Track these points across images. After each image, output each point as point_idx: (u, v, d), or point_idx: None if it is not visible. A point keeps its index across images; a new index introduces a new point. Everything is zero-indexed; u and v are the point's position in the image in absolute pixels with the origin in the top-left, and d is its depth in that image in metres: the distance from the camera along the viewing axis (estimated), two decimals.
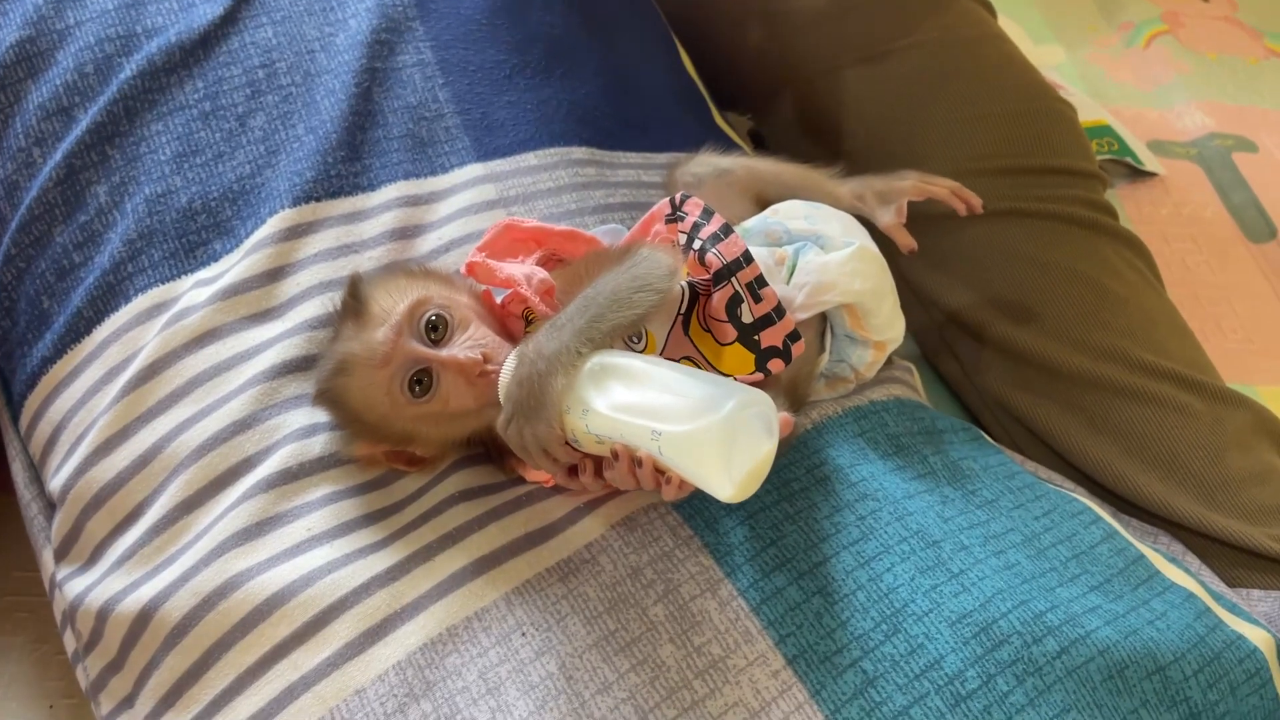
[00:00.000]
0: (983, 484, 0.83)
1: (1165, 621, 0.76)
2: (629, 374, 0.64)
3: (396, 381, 0.69)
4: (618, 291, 0.67)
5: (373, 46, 0.93)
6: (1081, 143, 1.19)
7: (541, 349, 0.64)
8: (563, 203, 0.93)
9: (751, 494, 0.62)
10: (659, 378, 0.64)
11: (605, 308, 0.66)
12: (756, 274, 0.72)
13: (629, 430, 0.62)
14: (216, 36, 0.90)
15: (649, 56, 1.13)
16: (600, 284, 0.68)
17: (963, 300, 1.12)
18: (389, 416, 0.70)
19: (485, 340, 0.70)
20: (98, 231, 0.84)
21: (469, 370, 0.68)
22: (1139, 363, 1.02)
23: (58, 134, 0.86)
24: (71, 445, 0.78)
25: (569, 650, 0.67)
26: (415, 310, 0.70)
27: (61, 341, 0.81)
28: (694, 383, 0.63)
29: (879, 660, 0.68)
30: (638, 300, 0.67)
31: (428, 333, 0.69)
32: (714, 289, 0.73)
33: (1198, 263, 1.40)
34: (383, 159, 0.89)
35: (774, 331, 0.72)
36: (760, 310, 0.72)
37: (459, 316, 0.71)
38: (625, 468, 0.64)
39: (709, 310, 0.73)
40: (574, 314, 0.66)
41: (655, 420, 0.61)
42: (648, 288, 0.68)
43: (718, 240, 0.73)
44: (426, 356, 0.69)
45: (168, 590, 0.70)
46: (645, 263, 0.69)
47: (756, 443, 0.62)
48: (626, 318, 0.66)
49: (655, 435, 0.61)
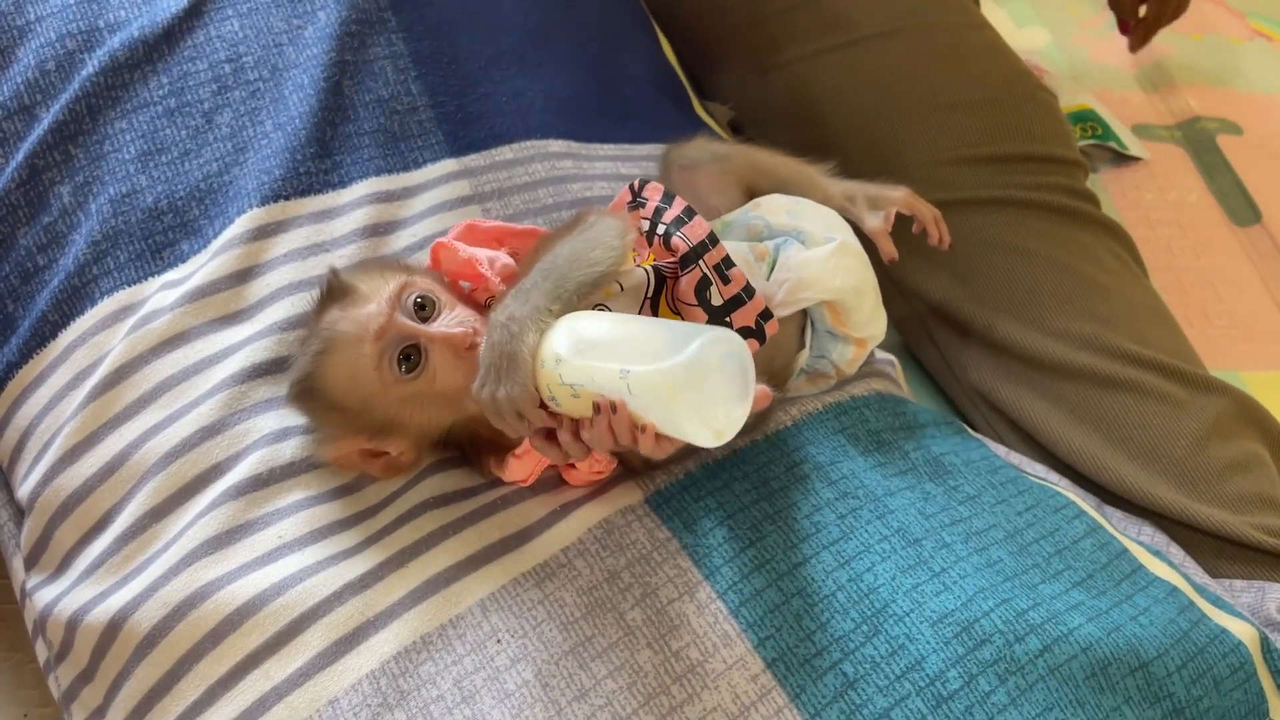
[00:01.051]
0: (965, 479, 0.82)
1: (1148, 617, 0.76)
2: (600, 323, 0.64)
3: (387, 357, 0.68)
4: (575, 252, 0.67)
5: (343, 39, 0.91)
6: (1062, 130, 1.18)
7: (511, 312, 0.64)
8: (539, 197, 0.91)
9: (728, 439, 0.60)
10: (630, 325, 0.64)
11: (566, 268, 0.66)
12: (723, 255, 0.72)
13: (600, 374, 0.60)
14: (180, 30, 0.88)
15: (629, 45, 1.12)
16: (557, 249, 0.68)
17: (944, 290, 1.11)
18: (372, 399, 0.69)
19: (470, 318, 0.70)
20: (62, 233, 0.82)
21: (459, 343, 0.67)
22: (1120, 351, 1.01)
23: (19, 133, 0.84)
24: (39, 452, 0.77)
25: (545, 657, 0.66)
26: (403, 290, 0.70)
27: (27, 346, 0.80)
28: (665, 327, 0.63)
29: (860, 662, 0.68)
30: (596, 258, 0.67)
31: (415, 311, 0.69)
32: (681, 273, 0.72)
33: (1182, 247, 1.39)
34: (354, 155, 0.88)
35: (745, 312, 0.72)
36: (730, 291, 0.72)
37: (444, 299, 0.71)
38: (603, 424, 0.62)
39: (678, 294, 0.73)
40: (538, 278, 0.66)
41: (625, 361, 0.60)
42: (603, 244, 0.68)
43: (681, 224, 0.73)
44: (417, 331, 0.68)
45: (137, 600, 0.69)
46: (597, 224, 0.70)
47: (730, 382, 0.60)
48: (590, 274, 0.67)
49: (624, 374, 0.59)
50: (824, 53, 1.20)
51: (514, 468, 0.73)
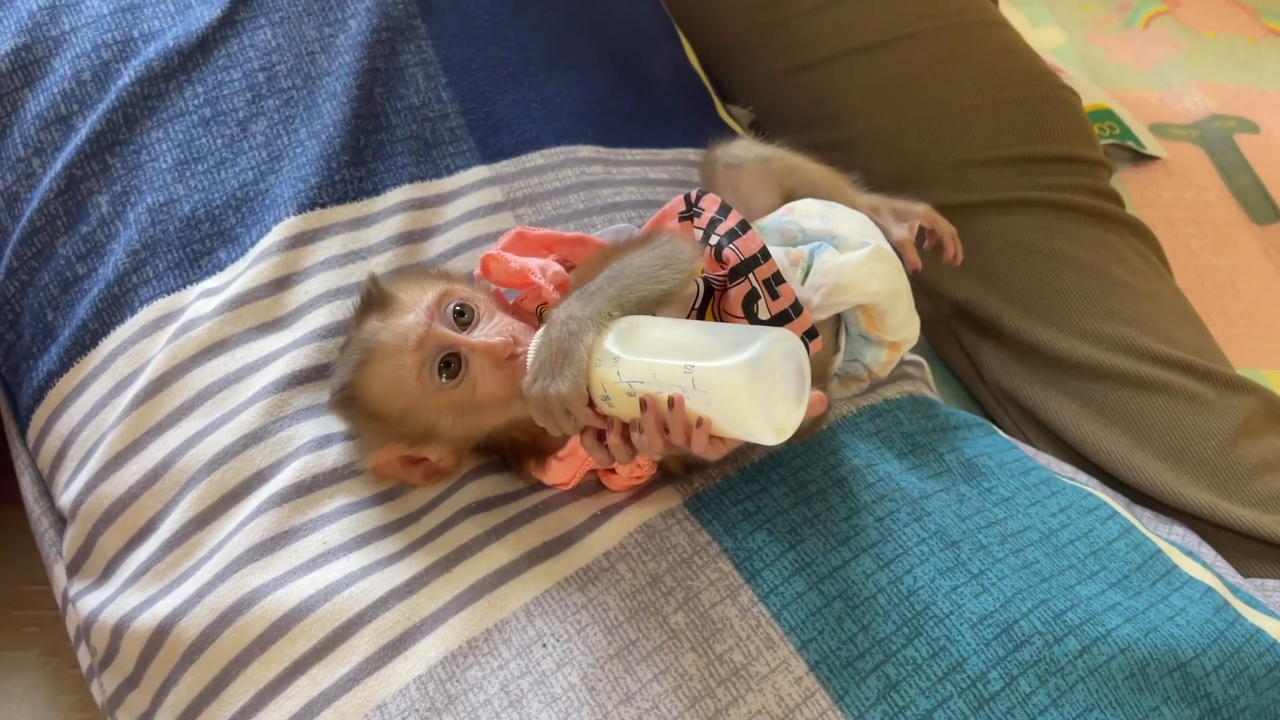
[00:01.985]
0: (999, 481, 0.82)
1: (1184, 617, 0.76)
2: (659, 324, 0.65)
3: (427, 366, 0.68)
4: (645, 266, 0.68)
5: (374, 46, 0.92)
6: (1086, 130, 1.18)
7: (573, 312, 0.64)
8: (569, 203, 0.92)
9: (787, 436, 0.61)
10: (688, 327, 0.64)
11: (634, 279, 0.67)
12: (774, 270, 0.72)
13: (661, 370, 0.61)
14: (214, 40, 0.89)
15: (653, 50, 1.12)
16: (627, 260, 0.68)
17: (970, 292, 1.11)
18: (412, 408, 0.70)
19: (511, 326, 0.70)
20: (100, 242, 0.82)
21: (499, 353, 0.68)
22: (1148, 352, 1.02)
23: (57, 143, 0.84)
24: (81, 460, 0.77)
25: (591, 660, 0.67)
26: (443, 299, 0.70)
27: (67, 355, 0.80)
28: (723, 329, 0.64)
29: (901, 664, 0.68)
30: (664, 276, 0.68)
31: (455, 319, 0.70)
32: (730, 285, 0.73)
33: (1201, 246, 1.40)
34: (387, 162, 0.88)
35: (791, 328, 0.72)
36: (778, 307, 0.72)
37: (484, 308, 0.71)
38: (653, 423, 0.62)
39: (724, 305, 0.73)
40: (604, 283, 0.66)
41: (688, 357, 0.61)
42: (673, 265, 0.68)
43: (735, 236, 0.73)
44: (457, 340, 0.69)
45: (184, 607, 0.69)
46: (670, 244, 0.70)
47: (789, 382, 0.61)
48: (654, 291, 0.67)
49: (688, 370, 0.60)
50: (845, 56, 1.20)
51: (556, 470, 0.73)
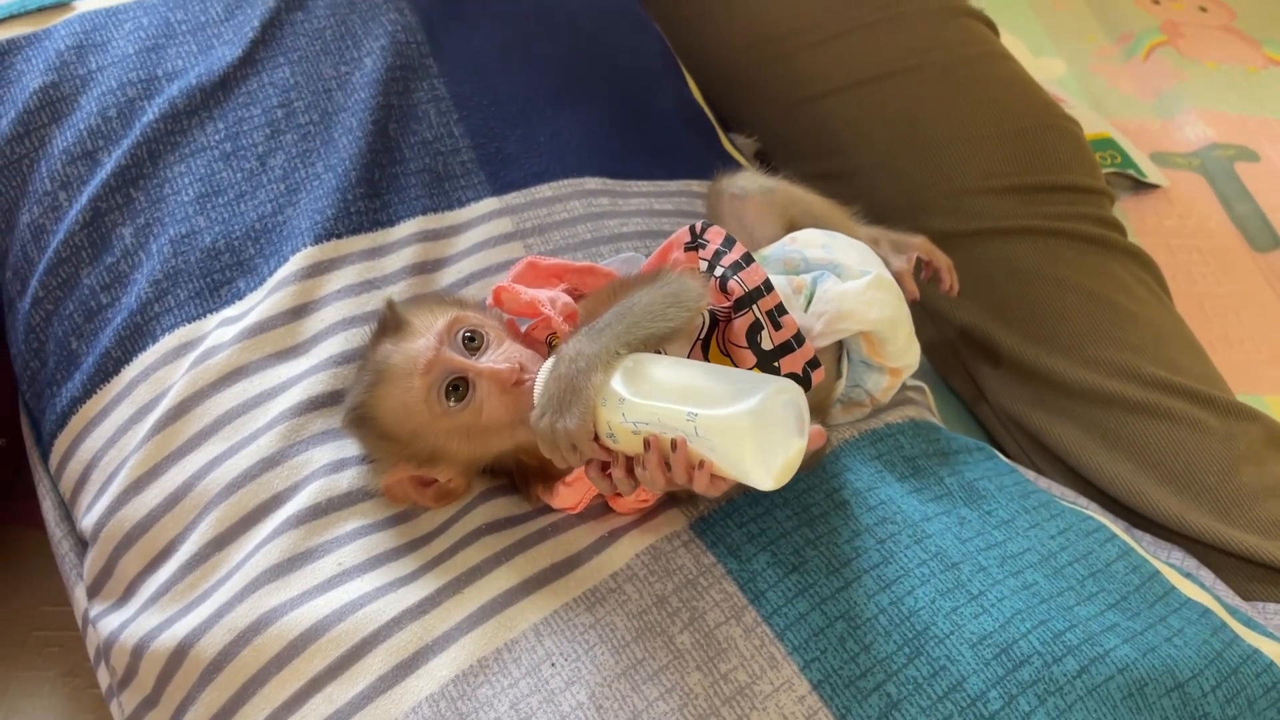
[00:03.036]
0: (998, 504, 0.84)
1: (1182, 638, 0.77)
2: (665, 366, 0.66)
3: (435, 389, 0.71)
4: (652, 305, 0.70)
5: (388, 84, 0.95)
6: (1088, 159, 1.20)
7: (581, 349, 0.66)
8: (577, 233, 0.94)
9: (785, 483, 0.63)
10: (694, 371, 0.66)
11: (641, 317, 0.69)
12: (777, 302, 0.74)
13: (665, 414, 0.63)
14: (235, 78, 0.92)
15: (656, 84, 1.15)
16: (635, 297, 0.70)
17: (974, 318, 1.13)
18: (421, 429, 0.72)
19: (519, 354, 0.72)
20: (124, 273, 0.85)
21: (505, 379, 0.70)
22: (1151, 378, 1.03)
23: (83, 177, 0.87)
24: (103, 484, 0.80)
25: (598, 679, 0.68)
26: (454, 325, 0.73)
27: (90, 382, 0.83)
28: (728, 375, 0.65)
29: (903, 683, 0.70)
30: (671, 314, 0.70)
31: (465, 345, 0.72)
32: (735, 315, 0.74)
33: (1203, 274, 1.41)
34: (401, 194, 0.91)
35: (793, 359, 0.74)
36: (780, 337, 0.74)
37: (493, 335, 0.74)
38: (656, 461, 0.64)
39: (729, 336, 0.75)
40: (611, 320, 0.68)
41: (691, 404, 0.63)
42: (680, 304, 0.70)
43: (739, 268, 0.75)
44: (465, 366, 0.71)
45: (202, 627, 0.71)
46: (677, 283, 0.72)
47: (788, 430, 0.63)
48: (660, 329, 0.69)
49: (691, 417, 0.62)
50: (850, 88, 1.22)
51: (563, 495, 0.75)
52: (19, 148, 0.88)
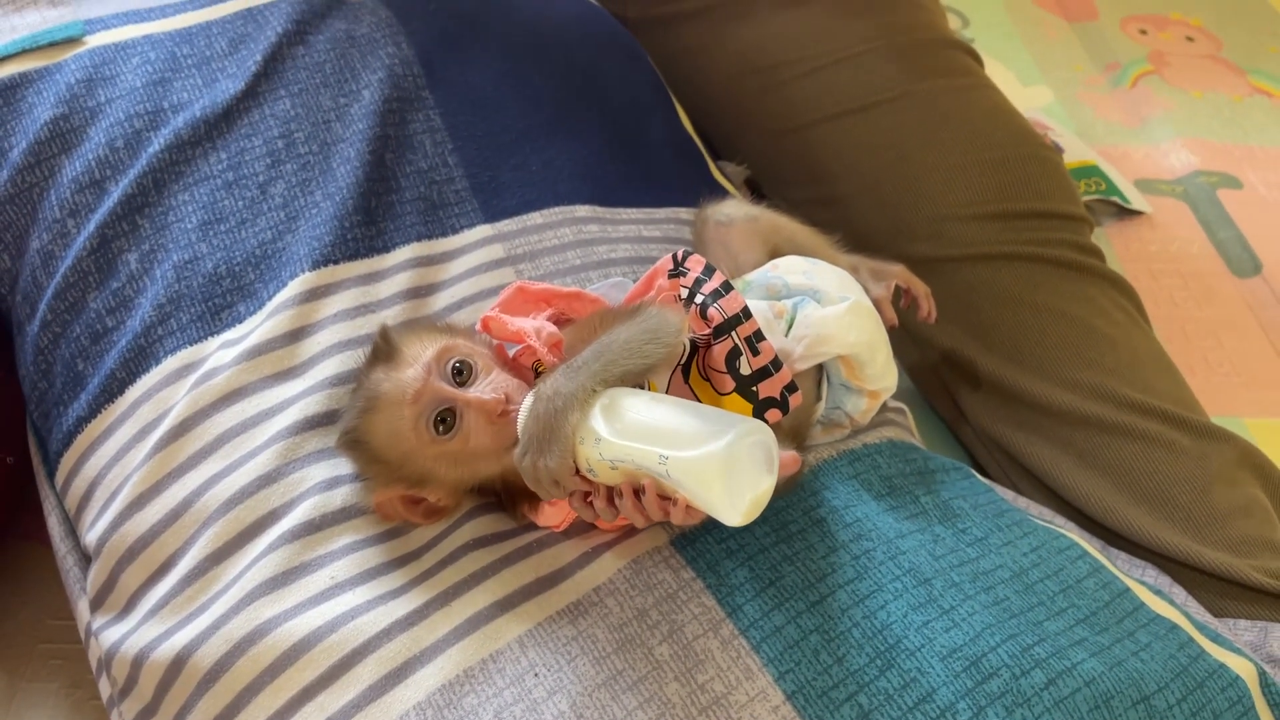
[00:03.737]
0: (973, 522, 0.86)
1: (1149, 652, 0.80)
2: (639, 406, 0.68)
3: (423, 419, 0.73)
4: (630, 341, 0.72)
5: (385, 115, 0.98)
6: (1067, 187, 1.23)
7: (559, 388, 0.69)
8: (567, 259, 0.97)
9: (754, 519, 0.66)
10: (667, 409, 0.68)
11: (618, 354, 0.71)
12: (755, 329, 0.77)
13: (639, 454, 0.66)
14: (238, 110, 0.96)
15: (647, 114, 1.18)
16: (614, 334, 0.73)
17: (956, 341, 1.16)
18: (410, 455, 0.75)
19: (505, 384, 0.75)
20: (129, 297, 0.88)
21: (491, 409, 0.73)
22: (1126, 400, 1.06)
23: (90, 205, 0.91)
24: (106, 500, 0.83)
25: (579, 689, 0.71)
26: (443, 355, 0.75)
27: (96, 401, 0.86)
28: (699, 414, 0.68)
29: (874, 694, 0.72)
30: (648, 351, 0.72)
31: (453, 375, 0.74)
32: (714, 342, 0.77)
33: (1185, 298, 1.44)
34: (396, 222, 0.94)
35: (771, 383, 0.76)
36: (758, 363, 0.76)
37: (481, 364, 0.76)
38: (631, 501, 0.69)
39: (709, 361, 0.78)
40: (589, 358, 0.71)
41: (663, 446, 0.65)
42: (658, 340, 0.73)
43: (719, 296, 0.78)
44: (452, 396, 0.73)
45: (200, 637, 0.74)
46: (656, 318, 0.74)
47: (758, 470, 0.66)
48: (637, 365, 0.71)
49: (663, 460, 0.65)
50: (837, 117, 1.26)
51: (548, 514, 0.78)
52: (30, 177, 0.92)
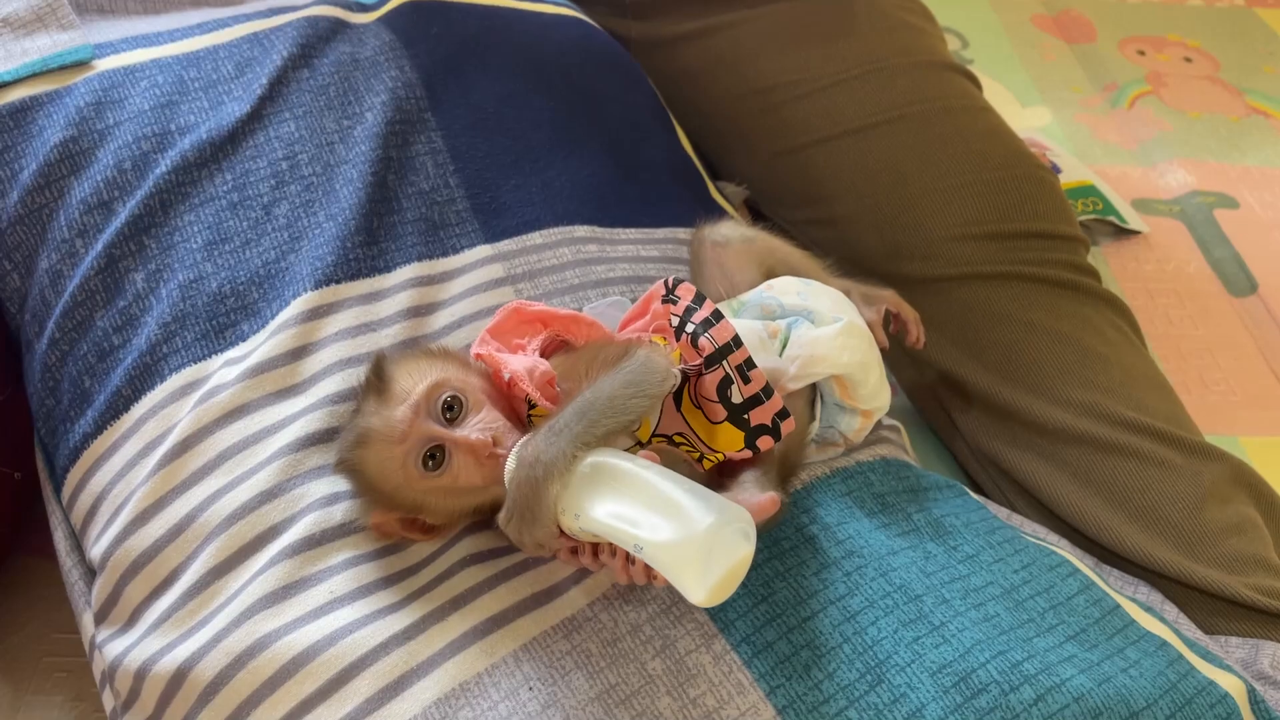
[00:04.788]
0: (964, 540, 0.87)
1: (1139, 669, 0.81)
2: (618, 482, 0.68)
3: (411, 457, 0.74)
4: (614, 398, 0.72)
5: (387, 137, 1.00)
6: (1063, 207, 1.24)
7: (540, 455, 0.69)
8: (566, 278, 0.99)
9: (727, 598, 0.66)
10: (646, 488, 0.68)
11: (601, 413, 0.71)
12: (745, 357, 0.77)
13: (616, 536, 0.67)
14: (244, 132, 0.98)
15: (647, 135, 1.20)
16: (598, 387, 0.72)
17: (951, 359, 1.17)
18: (402, 488, 0.76)
19: (495, 424, 0.75)
20: (135, 316, 0.90)
21: (479, 451, 0.74)
22: (1120, 418, 1.06)
23: (98, 226, 0.93)
24: (111, 515, 0.84)
25: (573, 703, 0.72)
26: (433, 391, 0.76)
27: (102, 418, 0.87)
28: (677, 496, 0.67)
29: (864, 709, 0.73)
30: (632, 406, 0.72)
31: (443, 412, 0.75)
32: (705, 371, 0.78)
33: (1180, 317, 1.45)
34: (398, 242, 0.96)
35: (763, 410, 0.77)
36: (749, 390, 0.77)
37: (473, 399, 0.76)
38: (619, 564, 0.71)
39: (700, 390, 0.78)
40: (571, 419, 0.70)
41: (639, 531, 0.66)
42: (642, 394, 0.73)
43: (709, 325, 0.78)
44: (440, 435, 0.74)
45: (201, 650, 0.75)
46: (641, 368, 0.74)
47: (732, 553, 0.66)
48: (620, 422, 0.72)
49: (638, 548, 0.66)
50: (835, 138, 1.27)
51: None
52: (40, 198, 0.94)
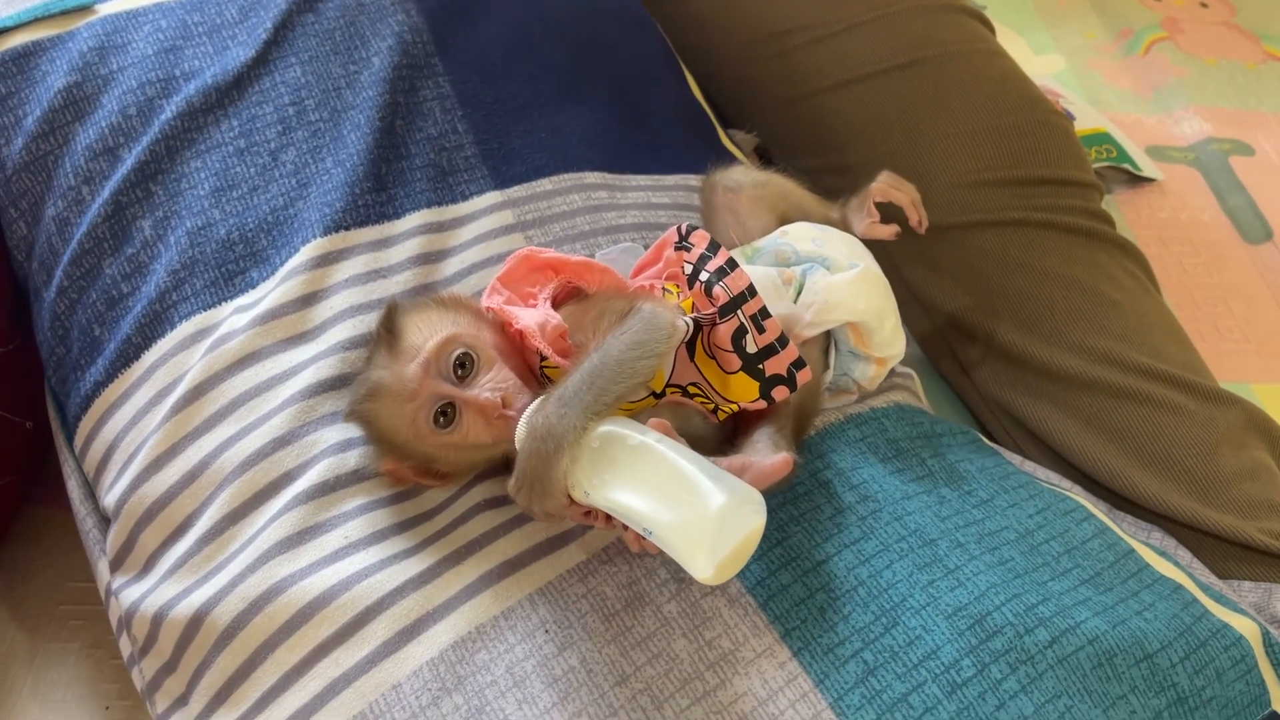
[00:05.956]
0: (978, 485, 0.87)
1: (1153, 612, 0.81)
2: (628, 460, 0.67)
3: (422, 414, 0.74)
4: (621, 361, 0.70)
5: (395, 82, 0.99)
6: (1077, 153, 1.23)
7: (551, 427, 0.68)
8: (576, 225, 0.98)
9: (724, 581, 0.66)
10: (656, 467, 0.67)
11: (610, 379, 0.70)
12: (760, 306, 0.77)
13: (624, 516, 0.67)
14: (249, 77, 0.96)
15: (656, 82, 1.18)
16: (606, 349, 0.71)
17: (964, 306, 1.16)
18: (412, 442, 0.76)
19: (506, 383, 0.74)
20: (144, 263, 0.89)
21: (489, 411, 0.73)
22: (1134, 365, 1.06)
23: (105, 173, 0.92)
24: (124, 463, 0.84)
25: (590, 646, 0.72)
26: (444, 348, 0.74)
27: (112, 366, 0.87)
28: (686, 477, 0.66)
29: (879, 651, 0.73)
30: (641, 368, 0.71)
31: (455, 369, 0.74)
32: (720, 320, 0.77)
33: (1195, 265, 1.44)
34: (406, 188, 0.95)
35: (778, 360, 0.76)
36: (764, 340, 0.76)
37: (484, 356, 0.75)
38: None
39: (714, 340, 0.78)
40: (581, 387, 0.69)
41: (647, 514, 0.66)
42: (650, 354, 0.72)
43: (724, 274, 0.77)
44: (451, 394, 0.74)
45: (217, 596, 0.76)
46: (646, 326, 0.73)
47: (740, 531, 0.65)
48: (630, 385, 0.71)
49: (648, 531, 0.66)
50: (847, 84, 1.25)
51: None
52: (44, 145, 0.93)
